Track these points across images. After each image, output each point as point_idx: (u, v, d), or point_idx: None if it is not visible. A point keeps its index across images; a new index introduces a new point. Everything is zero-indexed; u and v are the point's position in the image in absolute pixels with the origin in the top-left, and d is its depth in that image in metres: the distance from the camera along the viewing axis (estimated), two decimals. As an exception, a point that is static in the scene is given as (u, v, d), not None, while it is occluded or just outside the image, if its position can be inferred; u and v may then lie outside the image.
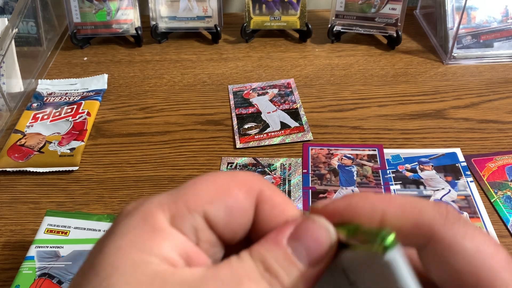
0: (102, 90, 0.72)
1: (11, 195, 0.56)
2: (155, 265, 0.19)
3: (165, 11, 0.82)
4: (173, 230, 0.20)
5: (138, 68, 0.77)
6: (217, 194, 0.21)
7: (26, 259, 0.45)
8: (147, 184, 0.57)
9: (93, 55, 0.81)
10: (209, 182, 0.22)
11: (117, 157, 0.61)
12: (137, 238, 0.20)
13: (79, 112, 0.66)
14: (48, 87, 0.72)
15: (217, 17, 0.82)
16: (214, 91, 0.72)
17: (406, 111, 0.67)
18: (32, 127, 0.64)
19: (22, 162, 0.59)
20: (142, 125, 0.66)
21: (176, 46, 0.83)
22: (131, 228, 0.20)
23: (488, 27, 0.75)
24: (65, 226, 0.48)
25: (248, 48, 0.82)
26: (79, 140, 0.62)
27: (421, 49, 0.80)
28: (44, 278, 0.44)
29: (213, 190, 0.21)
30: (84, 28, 0.81)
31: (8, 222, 0.53)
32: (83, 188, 0.57)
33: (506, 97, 0.69)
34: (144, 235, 0.20)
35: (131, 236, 0.20)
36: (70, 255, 0.46)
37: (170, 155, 0.61)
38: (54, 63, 0.79)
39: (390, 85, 0.72)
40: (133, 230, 0.20)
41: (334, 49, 0.81)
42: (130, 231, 0.20)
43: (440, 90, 0.71)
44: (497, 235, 0.51)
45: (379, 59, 0.78)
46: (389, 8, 0.78)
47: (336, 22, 0.81)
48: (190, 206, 0.21)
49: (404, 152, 0.60)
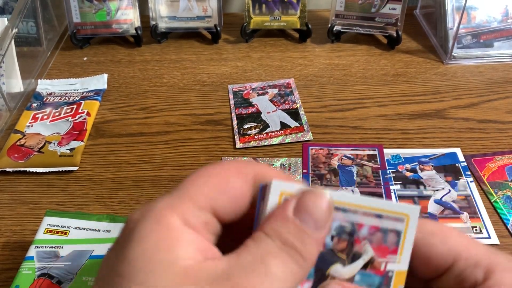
0: (102, 90, 0.72)
1: (10, 195, 0.56)
2: (182, 262, 0.20)
3: (165, 11, 0.82)
4: (187, 229, 0.21)
5: (138, 68, 0.77)
6: (219, 188, 0.23)
7: (26, 259, 0.45)
8: (147, 184, 0.57)
9: (93, 55, 0.81)
10: (207, 177, 0.23)
11: (117, 157, 0.61)
12: (158, 240, 0.21)
13: (79, 112, 0.66)
14: (48, 87, 0.72)
15: (217, 17, 0.82)
16: (214, 91, 0.72)
17: (406, 111, 0.67)
18: (32, 127, 0.64)
19: (22, 162, 0.59)
20: (142, 125, 0.66)
21: (176, 46, 0.83)
22: (148, 232, 0.21)
23: (488, 27, 0.75)
24: (64, 226, 0.48)
25: (248, 48, 0.82)
26: (79, 140, 0.62)
27: (421, 49, 0.80)
28: (44, 278, 0.44)
29: (215, 185, 0.23)
30: (84, 28, 0.80)
31: (8, 222, 0.53)
32: (82, 188, 0.57)
33: (506, 97, 0.69)
34: (164, 236, 0.21)
35: (152, 239, 0.21)
36: (70, 255, 0.46)
37: (170, 155, 0.61)
38: (54, 63, 0.79)
39: (390, 85, 0.72)
40: (151, 233, 0.21)
41: (334, 49, 0.81)
42: (149, 235, 0.21)
43: (440, 90, 0.71)
44: (497, 235, 0.50)
45: (379, 59, 0.78)
46: (389, 8, 0.77)
47: (336, 22, 0.81)
48: (198, 204, 0.22)
49: (404, 152, 0.60)
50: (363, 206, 0.26)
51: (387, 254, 0.26)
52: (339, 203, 0.25)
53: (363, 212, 0.26)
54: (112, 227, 0.48)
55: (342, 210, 0.25)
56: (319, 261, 0.25)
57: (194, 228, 0.22)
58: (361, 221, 0.26)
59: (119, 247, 0.21)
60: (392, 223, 0.26)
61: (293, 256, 0.21)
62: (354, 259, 0.26)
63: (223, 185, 0.23)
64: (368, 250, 0.26)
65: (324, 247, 0.25)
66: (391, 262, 0.26)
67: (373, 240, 0.26)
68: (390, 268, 0.26)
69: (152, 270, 0.20)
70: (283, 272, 0.21)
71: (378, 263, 0.26)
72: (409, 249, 0.26)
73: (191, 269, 0.20)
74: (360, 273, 0.26)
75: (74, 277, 0.44)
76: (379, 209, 0.26)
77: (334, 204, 0.25)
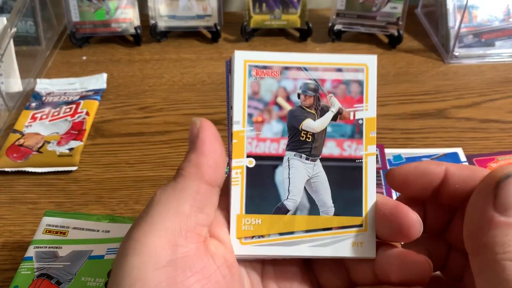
0: (101, 89, 0.71)
1: (9, 196, 0.56)
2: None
3: (165, 10, 0.81)
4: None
5: (137, 68, 0.77)
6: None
7: (25, 260, 0.45)
8: (147, 184, 0.57)
9: (92, 54, 0.80)
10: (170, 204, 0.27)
11: (116, 157, 0.61)
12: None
13: (78, 112, 0.66)
14: (47, 87, 0.72)
15: (217, 15, 0.81)
16: (214, 90, 0.72)
17: (407, 111, 0.67)
18: (30, 127, 0.64)
19: (21, 162, 0.59)
20: (142, 125, 0.66)
21: (176, 45, 0.82)
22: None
23: (490, 26, 0.75)
24: (63, 227, 0.48)
25: (248, 47, 0.81)
26: (78, 140, 0.62)
27: (422, 48, 0.80)
28: (43, 278, 0.43)
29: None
30: (83, 27, 0.80)
31: (7, 222, 0.53)
32: (82, 188, 0.57)
33: (508, 96, 0.69)
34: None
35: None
36: (69, 255, 0.45)
37: (170, 155, 0.61)
38: (53, 62, 0.79)
39: (391, 84, 0.72)
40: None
41: (335, 48, 0.81)
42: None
43: (442, 90, 0.70)
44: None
45: (380, 58, 0.78)
46: (390, 7, 0.77)
47: (337, 21, 0.80)
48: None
49: (405, 152, 0.60)
50: (323, 63, 0.29)
51: (354, 103, 0.29)
52: (300, 63, 0.28)
53: (323, 68, 0.29)
54: (111, 227, 0.48)
55: (304, 69, 0.29)
56: (291, 118, 0.29)
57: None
58: (323, 77, 0.29)
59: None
60: (353, 74, 0.29)
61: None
62: (323, 113, 0.29)
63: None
64: (334, 102, 0.29)
65: (293, 105, 0.28)
66: (359, 111, 0.29)
67: (338, 93, 0.29)
68: (359, 116, 0.29)
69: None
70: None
71: (347, 113, 0.29)
72: (374, 96, 0.29)
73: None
74: (331, 125, 0.29)
75: (73, 278, 0.44)
76: (338, 63, 0.29)
77: (296, 64, 0.28)
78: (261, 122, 0.29)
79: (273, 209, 0.29)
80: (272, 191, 0.29)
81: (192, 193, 0.27)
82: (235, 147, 0.29)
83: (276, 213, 0.29)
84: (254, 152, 0.29)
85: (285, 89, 0.29)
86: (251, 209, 0.29)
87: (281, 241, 0.28)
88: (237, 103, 0.29)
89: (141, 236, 0.25)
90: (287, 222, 0.29)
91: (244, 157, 0.29)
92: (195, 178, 0.28)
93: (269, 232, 0.28)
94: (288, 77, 0.29)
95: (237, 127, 0.29)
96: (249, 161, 0.29)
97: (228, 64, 0.29)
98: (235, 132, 0.29)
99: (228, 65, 0.29)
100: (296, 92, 0.29)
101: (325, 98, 0.29)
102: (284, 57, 0.29)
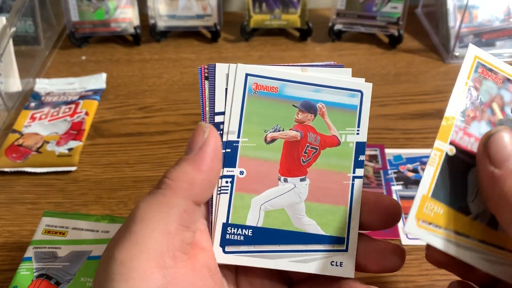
0: (101, 89, 0.71)
1: (8, 196, 0.56)
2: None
3: (164, 10, 0.81)
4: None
5: (137, 67, 0.77)
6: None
7: (24, 260, 0.45)
8: (146, 184, 0.57)
9: (91, 54, 0.80)
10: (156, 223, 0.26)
11: (116, 157, 0.61)
12: None
13: (77, 112, 0.66)
14: (46, 87, 0.72)
15: (217, 15, 0.81)
16: (213, 90, 0.72)
17: (407, 111, 0.66)
18: (30, 127, 0.64)
19: (20, 162, 0.59)
20: (141, 125, 0.66)
21: (175, 45, 0.82)
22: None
23: (490, 26, 0.75)
24: (63, 227, 0.48)
25: (248, 47, 0.81)
26: (77, 140, 0.62)
27: (422, 48, 0.80)
28: (42, 279, 0.43)
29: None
30: (82, 27, 0.80)
31: (6, 222, 0.53)
32: (81, 188, 0.57)
33: (508, 96, 0.68)
34: None
35: None
36: (68, 256, 0.45)
37: (169, 155, 0.61)
38: (52, 62, 0.79)
39: (391, 84, 0.72)
40: None
41: (335, 48, 0.81)
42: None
43: (442, 90, 0.70)
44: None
45: (381, 58, 0.78)
46: (391, 7, 0.77)
47: (337, 21, 0.80)
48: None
49: (405, 152, 0.59)
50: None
51: None
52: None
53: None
54: (110, 228, 0.48)
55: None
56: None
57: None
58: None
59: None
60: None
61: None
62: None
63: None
64: None
65: (505, 115, 0.30)
66: None
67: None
68: None
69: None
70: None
71: None
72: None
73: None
74: None
75: (72, 278, 0.43)
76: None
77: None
78: (473, 118, 0.29)
79: (457, 205, 0.28)
80: (460, 188, 0.28)
81: (179, 211, 0.26)
82: (442, 129, 0.29)
83: (458, 211, 0.28)
84: (457, 142, 0.29)
85: (502, 98, 0.30)
86: (436, 195, 0.28)
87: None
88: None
89: (127, 259, 0.24)
90: (466, 224, 0.28)
91: (447, 143, 0.29)
92: (185, 196, 0.26)
93: (446, 227, 0.28)
94: (508, 88, 0.31)
95: (450, 113, 0.29)
96: (450, 148, 0.29)
97: (201, 71, 0.33)
98: (446, 117, 0.29)
99: (201, 72, 0.34)
100: (511, 105, 0.30)
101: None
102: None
